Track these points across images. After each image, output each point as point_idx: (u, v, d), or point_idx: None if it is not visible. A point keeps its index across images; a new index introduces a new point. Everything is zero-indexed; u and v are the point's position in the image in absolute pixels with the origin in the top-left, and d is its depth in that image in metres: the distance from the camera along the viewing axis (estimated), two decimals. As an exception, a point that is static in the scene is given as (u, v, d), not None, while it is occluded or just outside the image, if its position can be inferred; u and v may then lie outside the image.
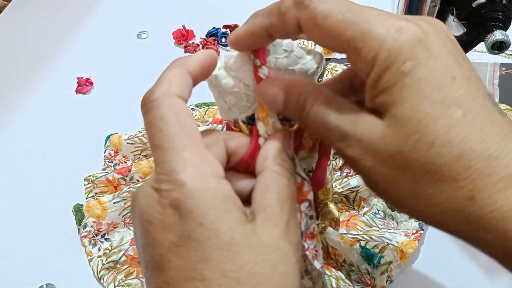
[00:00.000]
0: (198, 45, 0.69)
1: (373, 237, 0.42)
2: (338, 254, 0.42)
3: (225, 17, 0.73)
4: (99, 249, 0.45)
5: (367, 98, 0.21)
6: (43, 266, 0.45)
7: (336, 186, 0.46)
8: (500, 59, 0.65)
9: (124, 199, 0.46)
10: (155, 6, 0.78)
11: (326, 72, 0.60)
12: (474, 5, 0.38)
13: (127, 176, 0.49)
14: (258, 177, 0.23)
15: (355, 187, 0.46)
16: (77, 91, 0.63)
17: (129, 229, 0.47)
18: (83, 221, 0.46)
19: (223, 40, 0.70)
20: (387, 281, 0.41)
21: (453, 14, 0.39)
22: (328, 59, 0.65)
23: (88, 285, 0.44)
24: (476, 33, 0.38)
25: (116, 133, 0.54)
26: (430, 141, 0.19)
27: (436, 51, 0.20)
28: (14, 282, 0.44)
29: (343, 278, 0.41)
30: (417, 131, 0.19)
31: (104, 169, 0.52)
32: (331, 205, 0.43)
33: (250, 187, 0.23)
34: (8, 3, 0.80)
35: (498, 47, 0.37)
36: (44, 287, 0.44)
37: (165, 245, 0.20)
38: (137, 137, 0.52)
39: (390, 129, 0.19)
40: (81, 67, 0.67)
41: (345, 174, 0.49)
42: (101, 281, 0.43)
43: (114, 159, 0.53)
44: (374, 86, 0.20)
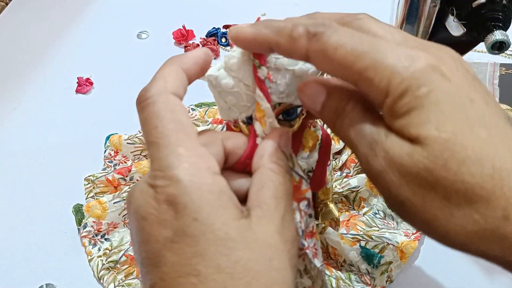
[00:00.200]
0: (198, 45, 0.69)
1: (373, 237, 0.42)
2: (338, 254, 0.42)
3: (225, 17, 0.73)
4: (99, 249, 0.45)
5: (387, 125, 0.21)
6: (43, 266, 0.45)
7: (336, 186, 0.46)
8: (500, 59, 0.65)
9: (124, 199, 0.46)
10: (155, 6, 0.78)
11: (326, 72, 0.60)
12: (474, 5, 0.38)
13: (127, 176, 0.49)
14: (253, 175, 0.23)
15: (355, 187, 0.46)
16: (77, 91, 0.63)
17: (129, 229, 0.47)
18: (83, 221, 0.46)
19: (223, 40, 0.70)
20: (387, 281, 0.41)
21: (453, 14, 0.39)
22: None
23: (88, 285, 0.44)
24: (476, 33, 0.38)
25: (116, 133, 0.54)
26: (460, 159, 0.18)
27: (450, 76, 0.20)
28: (14, 282, 0.44)
29: (343, 278, 0.41)
30: (446, 149, 0.18)
31: (104, 169, 0.52)
32: (331, 205, 0.43)
33: (247, 186, 0.23)
34: (6, 5, 0.80)
35: (498, 47, 0.37)
36: (44, 287, 0.44)
37: (160, 241, 0.20)
38: (137, 137, 0.52)
39: (417, 148, 0.19)
40: (81, 67, 0.67)
41: (345, 174, 0.49)
42: (101, 281, 0.43)
43: (114, 159, 0.53)
44: (390, 113, 0.20)
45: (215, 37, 0.70)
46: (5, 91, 0.64)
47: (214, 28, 0.71)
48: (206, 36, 0.71)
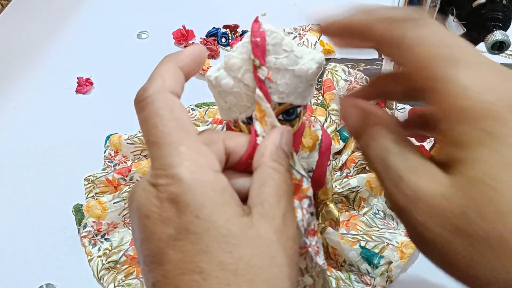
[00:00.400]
0: (198, 45, 0.69)
1: (373, 237, 0.42)
2: (338, 254, 0.42)
3: (225, 17, 0.73)
4: (99, 249, 0.45)
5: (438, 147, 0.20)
6: (43, 266, 0.45)
7: (336, 186, 0.46)
8: (500, 59, 0.65)
9: (124, 199, 0.46)
10: (155, 6, 0.78)
11: (326, 72, 0.60)
12: (474, 5, 0.38)
13: (127, 176, 0.49)
14: (254, 173, 0.23)
15: (355, 187, 0.46)
16: (77, 91, 0.63)
17: (129, 229, 0.47)
18: (83, 221, 0.46)
19: (223, 40, 0.70)
20: (387, 281, 0.41)
21: (453, 14, 0.39)
22: (328, 59, 0.65)
23: (88, 285, 0.44)
24: (476, 33, 0.38)
25: (116, 133, 0.54)
26: (500, 210, 0.17)
27: None
28: (14, 282, 0.44)
29: (343, 278, 0.41)
30: (489, 198, 0.17)
31: (104, 169, 0.52)
32: (331, 205, 0.43)
33: (249, 186, 0.23)
34: (4, 8, 0.80)
35: (498, 47, 0.37)
36: (44, 287, 0.44)
37: (163, 239, 0.20)
38: (137, 137, 0.52)
39: (455, 188, 0.18)
40: (81, 67, 0.67)
41: (345, 174, 0.49)
42: (101, 281, 0.43)
43: (114, 159, 0.53)
44: (446, 134, 0.19)
45: (215, 37, 0.70)
46: (5, 91, 0.64)
47: (214, 28, 0.71)
48: (206, 36, 0.71)
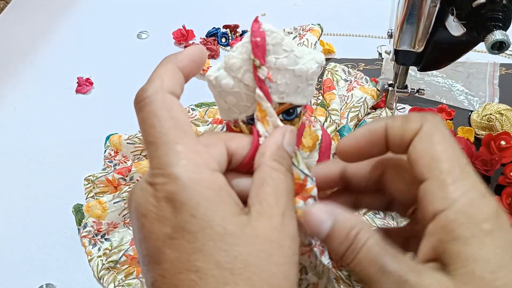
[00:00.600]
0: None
1: (373, 237, 0.42)
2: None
3: (225, 17, 0.73)
4: (99, 249, 0.45)
5: (428, 242, 0.20)
6: (43, 266, 0.45)
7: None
8: (500, 59, 0.65)
9: (124, 199, 0.46)
10: (155, 6, 0.78)
11: (326, 72, 0.60)
12: (474, 5, 0.38)
13: (127, 176, 0.49)
14: (255, 172, 0.23)
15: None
16: (77, 91, 0.63)
17: (129, 229, 0.47)
18: (83, 221, 0.46)
19: (223, 40, 0.70)
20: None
21: (453, 14, 0.39)
22: (328, 59, 0.65)
23: (88, 285, 0.44)
24: (476, 33, 0.38)
25: (116, 133, 0.54)
26: None
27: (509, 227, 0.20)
28: (14, 282, 0.44)
29: (343, 278, 0.41)
30: None
31: (104, 169, 0.52)
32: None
33: None
34: (7, 4, 0.80)
35: (498, 47, 0.37)
36: (44, 287, 0.44)
37: (160, 238, 0.20)
38: (137, 137, 0.52)
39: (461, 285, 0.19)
40: (81, 67, 0.67)
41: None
42: (101, 281, 0.43)
43: (114, 159, 0.53)
44: (444, 229, 0.20)
45: (215, 37, 0.70)
46: (5, 91, 0.64)
47: (214, 28, 0.71)
48: (206, 36, 0.71)
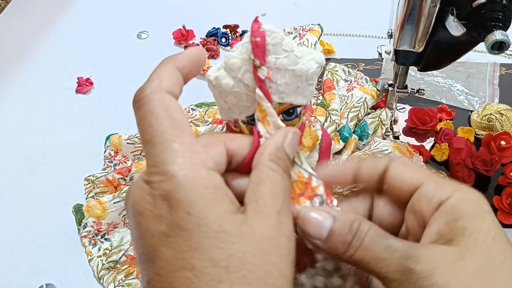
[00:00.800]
0: (198, 45, 0.69)
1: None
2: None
3: (225, 17, 0.73)
4: (99, 249, 0.45)
5: (432, 229, 0.22)
6: (43, 266, 0.45)
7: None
8: (500, 59, 0.65)
9: (124, 199, 0.46)
10: (155, 6, 0.78)
11: (326, 72, 0.60)
12: (474, 5, 0.38)
13: (127, 176, 0.48)
14: (252, 172, 0.23)
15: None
16: (77, 91, 0.63)
17: (129, 229, 0.47)
18: (83, 221, 0.46)
19: (223, 40, 0.70)
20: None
21: (453, 14, 0.39)
22: (328, 59, 0.65)
23: (88, 285, 0.44)
24: (476, 33, 0.38)
25: (116, 133, 0.54)
26: None
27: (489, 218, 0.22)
28: (14, 282, 0.44)
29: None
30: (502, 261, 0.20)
31: (104, 169, 0.52)
32: (331, 205, 0.43)
33: None
34: (7, 3, 0.80)
35: (498, 47, 0.37)
36: (44, 287, 0.44)
37: (155, 235, 0.20)
38: (137, 137, 0.52)
39: (468, 253, 0.20)
40: (81, 67, 0.67)
41: (345, 174, 0.49)
42: (101, 281, 0.43)
43: (114, 159, 0.53)
44: (450, 212, 0.21)
45: (215, 37, 0.70)
46: (5, 91, 0.64)
47: (214, 28, 0.71)
48: (206, 36, 0.71)
